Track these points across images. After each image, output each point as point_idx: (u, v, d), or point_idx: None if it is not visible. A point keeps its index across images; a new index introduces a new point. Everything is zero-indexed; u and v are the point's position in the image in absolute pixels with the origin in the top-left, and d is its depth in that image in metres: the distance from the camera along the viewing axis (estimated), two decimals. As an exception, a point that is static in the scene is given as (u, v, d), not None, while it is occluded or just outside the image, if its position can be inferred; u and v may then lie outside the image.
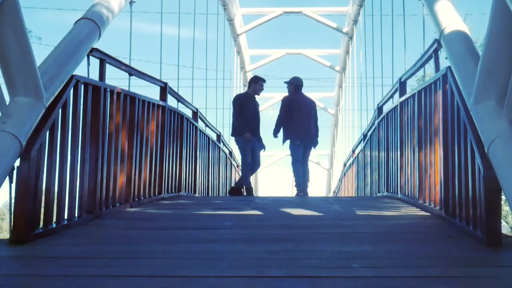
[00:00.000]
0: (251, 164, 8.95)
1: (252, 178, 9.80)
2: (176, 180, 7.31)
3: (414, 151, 5.52)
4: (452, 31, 4.49)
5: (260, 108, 9.46)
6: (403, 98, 6.32)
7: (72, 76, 4.22)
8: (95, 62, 4.83)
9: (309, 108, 8.85)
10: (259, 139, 9.00)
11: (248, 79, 11.15)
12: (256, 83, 8.96)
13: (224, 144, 11.86)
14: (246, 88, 10.68)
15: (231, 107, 9.05)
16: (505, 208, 16.55)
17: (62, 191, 4.08)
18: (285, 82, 9.03)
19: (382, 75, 12.48)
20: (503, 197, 3.28)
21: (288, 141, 8.85)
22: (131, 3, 7.84)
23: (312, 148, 9.10)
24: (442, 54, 4.83)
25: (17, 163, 3.51)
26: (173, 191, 7.12)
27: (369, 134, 9.57)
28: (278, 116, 8.88)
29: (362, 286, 2.54)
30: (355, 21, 17.81)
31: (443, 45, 4.58)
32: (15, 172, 3.51)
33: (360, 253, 3.32)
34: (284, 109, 8.75)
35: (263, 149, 9.11)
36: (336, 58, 22.94)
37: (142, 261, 3.14)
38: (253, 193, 9.08)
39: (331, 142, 27.66)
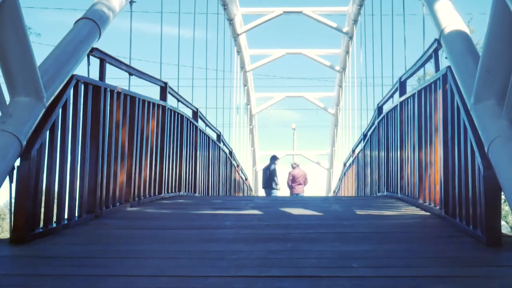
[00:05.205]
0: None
1: (252, 178, 9.90)
2: (176, 179, 7.31)
3: (414, 151, 5.52)
4: (452, 30, 4.49)
5: (260, 108, 9.50)
6: (403, 97, 6.32)
7: (72, 76, 4.22)
8: (95, 62, 4.83)
9: (300, 176, 15.67)
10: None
11: (248, 79, 11.19)
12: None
13: (224, 144, 11.85)
14: (246, 88, 10.72)
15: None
16: (505, 208, 16.55)
17: (62, 190, 4.08)
18: (292, 164, 16.20)
19: (382, 75, 12.48)
20: (503, 197, 3.28)
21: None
22: (131, 3, 7.83)
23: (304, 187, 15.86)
24: (442, 53, 4.83)
25: (17, 163, 3.51)
26: (173, 190, 7.12)
27: (369, 133, 9.57)
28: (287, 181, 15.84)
29: (362, 286, 2.54)
30: (355, 21, 17.80)
31: (443, 45, 4.58)
32: (15, 172, 3.51)
33: (360, 253, 3.32)
34: (288, 178, 15.76)
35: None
36: (336, 58, 22.93)
37: (142, 261, 3.14)
38: (254, 193, 9.13)
39: (331, 142, 27.65)
